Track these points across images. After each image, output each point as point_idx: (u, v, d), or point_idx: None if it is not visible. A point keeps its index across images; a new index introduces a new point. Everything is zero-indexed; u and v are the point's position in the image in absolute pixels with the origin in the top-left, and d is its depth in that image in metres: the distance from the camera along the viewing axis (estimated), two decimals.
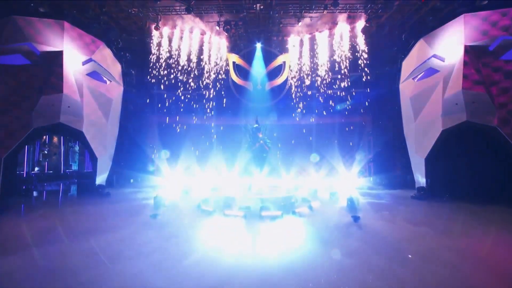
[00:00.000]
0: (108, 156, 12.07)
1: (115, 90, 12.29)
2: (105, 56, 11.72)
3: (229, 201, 8.45)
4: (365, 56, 14.17)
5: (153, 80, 14.79)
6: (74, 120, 10.21)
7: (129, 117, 14.14)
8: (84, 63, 10.83)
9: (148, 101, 14.98)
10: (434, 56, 10.47)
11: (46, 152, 15.69)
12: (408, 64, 11.86)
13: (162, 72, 15.19)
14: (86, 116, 10.68)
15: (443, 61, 10.20)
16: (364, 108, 14.90)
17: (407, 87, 11.83)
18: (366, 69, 14.25)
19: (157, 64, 14.92)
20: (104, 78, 11.73)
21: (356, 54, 14.26)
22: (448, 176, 10.31)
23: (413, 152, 11.51)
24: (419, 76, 11.26)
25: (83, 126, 10.54)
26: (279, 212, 7.52)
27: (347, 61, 14.65)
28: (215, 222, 7.13)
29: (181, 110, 15.84)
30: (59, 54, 10.04)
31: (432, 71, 10.67)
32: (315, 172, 16.74)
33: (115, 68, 12.37)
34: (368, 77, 14.36)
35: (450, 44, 9.98)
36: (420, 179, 10.97)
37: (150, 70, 14.67)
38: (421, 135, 10.95)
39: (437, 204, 9.10)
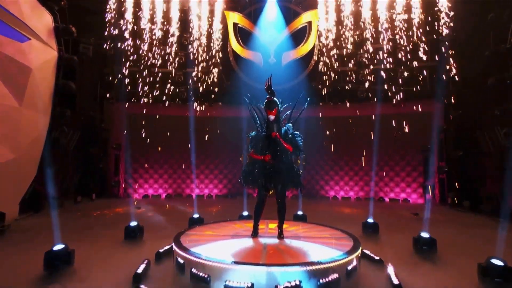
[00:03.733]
0: (25, 162, 7.67)
1: (39, 55, 7.93)
2: None
3: (207, 271, 3.83)
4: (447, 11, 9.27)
5: (113, 51, 10.41)
6: None
7: (77, 103, 9.81)
8: None
9: (109, 80, 10.66)
10: None
11: None
12: None
13: (129, 39, 10.84)
14: None
15: None
16: (435, 90, 10.03)
17: None
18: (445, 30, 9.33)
19: (120, 25, 10.59)
20: (20, 33, 7.37)
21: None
22: None
23: None
24: None
25: None
26: None
27: (416, 21, 9.87)
28: None
29: (157, 94, 11.47)
30: None
31: None
32: (355, 187, 12.08)
33: (40, 21, 8.03)
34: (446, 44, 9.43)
35: None
36: None
37: (109, 33, 10.33)
38: None
39: None
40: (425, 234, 5.41)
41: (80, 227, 6.99)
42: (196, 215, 7.28)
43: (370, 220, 6.87)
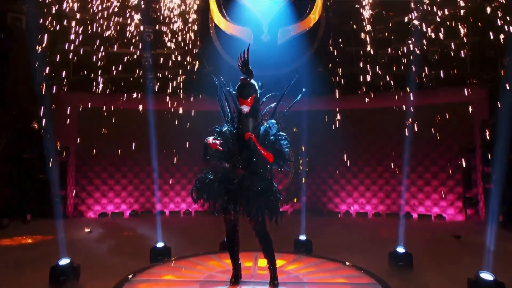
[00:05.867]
0: None
1: None
2: None
3: None
4: None
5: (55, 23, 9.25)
6: None
7: (6, 92, 8.70)
8: None
9: (53, 62, 9.59)
10: None
11: None
12: None
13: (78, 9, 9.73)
14: None
15: None
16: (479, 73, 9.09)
17: None
18: None
19: None
20: None
21: None
22: None
23: None
24: None
25: None
26: None
27: None
28: None
29: (119, 82, 10.48)
30: None
31: None
32: (373, 199, 11.23)
33: None
34: None
35: None
36: None
37: None
38: None
39: None
40: (486, 276, 4.30)
41: None
42: (160, 244, 6.13)
43: (401, 250, 5.77)
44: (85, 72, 10.21)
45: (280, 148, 3.87)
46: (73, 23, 9.63)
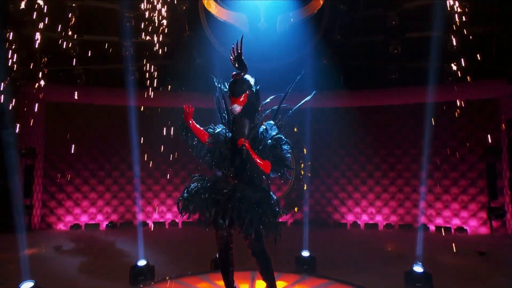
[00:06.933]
0: None
1: None
2: None
3: None
4: None
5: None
6: None
7: None
8: None
9: (15, 50, 9.34)
10: None
11: None
12: None
13: None
14: None
15: None
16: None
17: None
18: None
19: None
20: None
21: None
22: None
23: None
24: None
25: None
26: None
27: None
28: None
29: (94, 74, 10.50)
30: None
31: None
32: (384, 208, 11.27)
33: None
34: None
35: None
36: None
37: None
38: None
39: None
40: None
41: None
42: (142, 262, 6.03)
43: (418, 269, 5.68)
44: (54, 62, 10.02)
45: (280, 154, 3.69)
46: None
